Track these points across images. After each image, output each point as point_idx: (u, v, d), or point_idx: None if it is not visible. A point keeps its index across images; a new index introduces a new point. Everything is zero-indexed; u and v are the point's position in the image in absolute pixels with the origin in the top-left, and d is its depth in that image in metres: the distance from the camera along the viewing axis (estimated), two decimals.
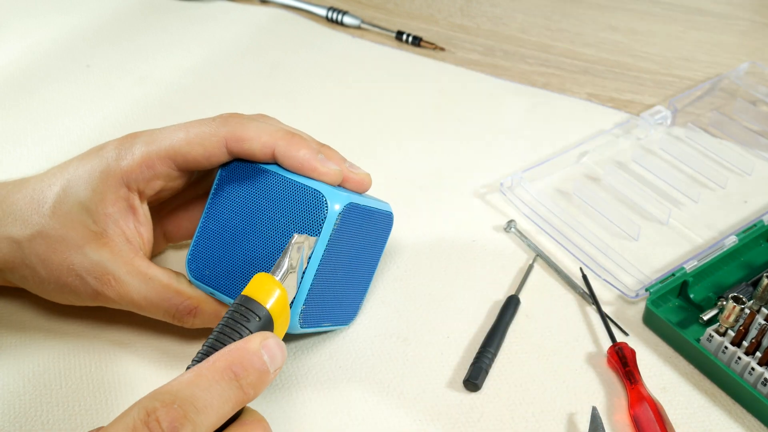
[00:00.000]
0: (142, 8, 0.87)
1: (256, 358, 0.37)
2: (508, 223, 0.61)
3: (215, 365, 0.37)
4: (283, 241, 0.46)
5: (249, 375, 0.37)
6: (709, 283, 0.56)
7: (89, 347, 0.52)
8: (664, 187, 0.65)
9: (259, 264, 0.47)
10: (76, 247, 0.47)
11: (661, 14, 0.87)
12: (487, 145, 0.69)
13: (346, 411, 0.49)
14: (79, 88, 0.75)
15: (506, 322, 0.53)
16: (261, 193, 0.47)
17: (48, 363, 0.51)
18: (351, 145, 0.69)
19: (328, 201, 0.45)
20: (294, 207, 0.46)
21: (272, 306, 0.40)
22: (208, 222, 0.49)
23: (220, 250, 0.48)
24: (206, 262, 0.49)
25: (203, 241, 0.49)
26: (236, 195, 0.48)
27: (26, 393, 0.49)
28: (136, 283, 0.47)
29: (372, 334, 0.53)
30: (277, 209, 0.47)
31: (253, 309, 0.40)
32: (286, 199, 0.47)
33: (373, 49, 0.82)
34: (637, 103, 0.74)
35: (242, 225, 0.48)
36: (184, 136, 0.48)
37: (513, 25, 0.85)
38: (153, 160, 0.48)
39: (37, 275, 0.48)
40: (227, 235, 0.48)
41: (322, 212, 0.45)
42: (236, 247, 0.48)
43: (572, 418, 0.48)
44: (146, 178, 0.48)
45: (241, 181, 0.48)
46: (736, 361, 0.50)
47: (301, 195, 0.46)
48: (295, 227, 0.46)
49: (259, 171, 0.48)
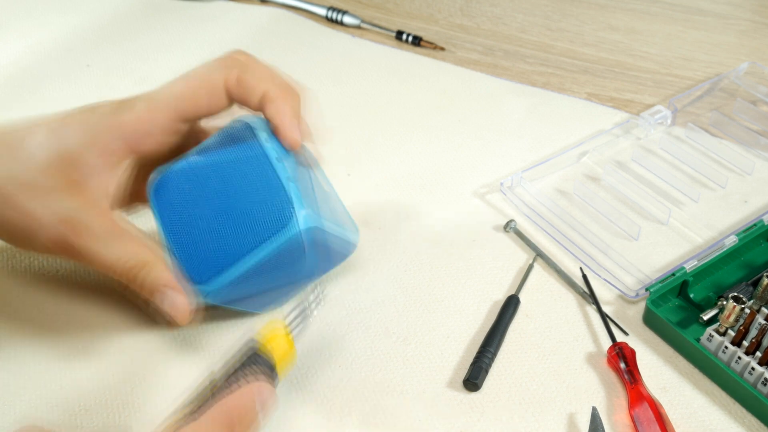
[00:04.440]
0: (142, 8, 0.87)
1: (252, 413, 0.39)
2: (507, 222, 0.61)
3: (214, 417, 0.38)
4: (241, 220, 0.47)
5: (244, 430, 0.39)
6: (709, 282, 0.56)
7: (89, 347, 0.52)
8: (664, 187, 0.65)
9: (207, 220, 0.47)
10: (44, 194, 0.45)
11: (660, 14, 0.87)
12: (487, 145, 0.69)
13: (346, 411, 0.49)
14: (79, 88, 0.75)
15: (506, 321, 0.53)
16: (248, 170, 0.48)
17: (48, 363, 0.51)
18: (351, 145, 0.69)
19: (294, 215, 0.46)
20: (265, 202, 0.47)
21: (279, 362, 0.43)
22: (193, 162, 0.49)
23: (187, 195, 0.48)
24: (170, 195, 0.48)
25: (179, 176, 0.49)
26: (228, 155, 0.48)
27: (26, 393, 0.49)
28: (98, 240, 0.46)
29: (372, 333, 0.53)
30: (252, 194, 0.47)
31: (262, 363, 0.42)
32: (263, 189, 0.47)
33: (373, 48, 0.82)
34: (637, 103, 0.74)
35: (217, 185, 0.48)
36: (185, 84, 0.48)
37: (513, 25, 0.85)
38: (155, 112, 0.47)
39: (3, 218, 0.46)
40: (200, 186, 0.48)
41: (284, 222, 0.46)
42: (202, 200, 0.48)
43: (572, 418, 0.48)
44: (146, 131, 0.48)
45: (240, 147, 0.48)
46: (737, 361, 0.50)
47: (276, 195, 0.47)
48: (258, 220, 0.46)
49: (258, 149, 0.48)
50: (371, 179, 0.65)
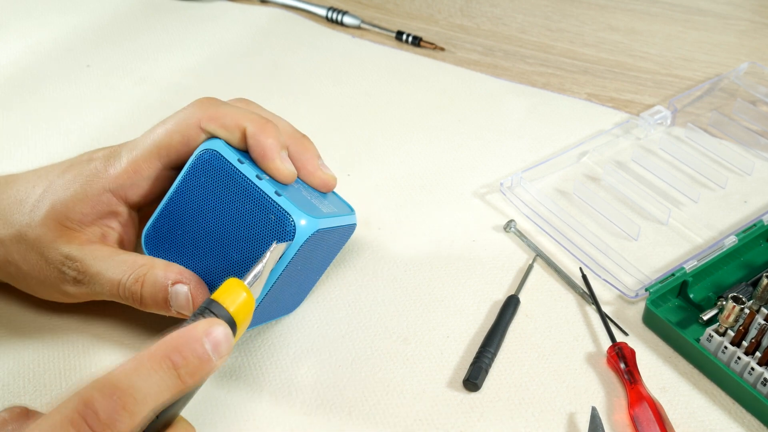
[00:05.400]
0: (142, 8, 0.87)
1: (198, 346, 0.37)
2: (507, 223, 0.61)
3: (155, 353, 0.36)
4: (243, 245, 0.46)
5: (188, 364, 0.36)
6: (709, 283, 0.56)
7: (89, 347, 0.52)
8: (664, 187, 0.65)
9: (208, 258, 0.47)
10: (49, 243, 0.48)
11: (660, 14, 0.87)
12: (487, 145, 0.69)
13: (346, 411, 0.49)
14: (79, 88, 0.75)
15: (506, 321, 0.53)
16: (232, 197, 0.47)
17: (48, 363, 0.51)
18: (351, 145, 0.69)
19: (296, 225, 0.45)
20: (262, 222, 0.46)
21: (236, 309, 0.40)
22: (172, 203, 0.49)
23: (179, 235, 0.48)
24: (163, 241, 0.49)
25: (164, 220, 0.49)
26: (206, 187, 0.47)
27: (26, 393, 0.49)
28: (100, 264, 0.48)
29: (372, 333, 0.53)
30: (245, 218, 0.46)
31: (214, 310, 0.39)
32: (255, 210, 0.46)
33: (373, 49, 0.82)
34: (637, 103, 0.74)
35: (206, 217, 0.48)
36: (163, 129, 0.49)
37: (513, 25, 0.85)
38: (139, 163, 0.49)
39: (21, 271, 0.50)
40: (188, 223, 0.48)
41: (289, 235, 0.46)
42: (195, 236, 0.48)
43: (572, 418, 0.48)
44: (132, 183, 0.49)
45: (215, 176, 0.47)
46: (736, 361, 0.50)
47: (271, 212, 0.46)
48: (260, 240, 0.46)
49: (235, 173, 0.47)
50: (371, 179, 0.65)
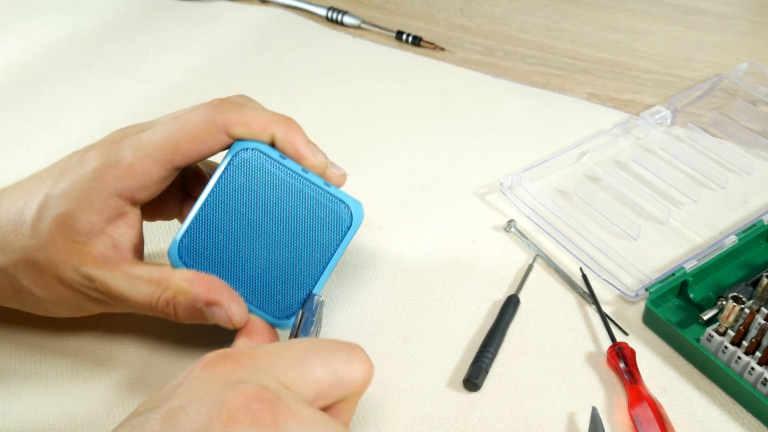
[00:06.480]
0: (142, 8, 0.87)
1: None
2: (508, 222, 0.61)
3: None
4: (294, 241, 0.47)
5: None
6: (709, 282, 0.56)
7: (90, 347, 0.52)
8: (664, 187, 0.65)
9: (258, 262, 0.47)
10: (62, 264, 0.45)
11: (661, 14, 0.87)
12: (487, 145, 0.69)
13: None
14: (79, 88, 0.75)
15: (506, 321, 0.53)
16: (279, 194, 0.47)
17: (48, 363, 0.51)
18: (351, 145, 0.69)
19: (352, 212, 0.48)
20: (315, 214, 0.47)
21: None
22: (208, 208, 0.47)
23: (219, 241, 0.47)
24: (201, 251, 0.47)
25: (200, 228, 0.47)
26: (247, 188, 0.47)
27: (26, 393, 0.49)
28: (123, 285, 0.45)
29: (372, 333, 0.53)
30: (296, 213, 0.47)
31: None
32: (308, 204, 0.47)
33: (373, 49, 0.82)
34: (637, 103, 0.74)
35: (249, 219, 0.47)
36: (178, 131, 0.45)
37: (513, 25, 0.85)
38: (148, 164, 0.45)
39: (33, 296, 0.47)
40: (229, 227, 0.47)
41: (347, 223, 0.47)
42: (238, 240, 0.46)
43: (572, 418, 0.48)
44: (140, 185, 0.46)
45: (256, 175, 0.47)
46: (736, 361, 0.50)
47: (326, 203, 0.47)
48: (314, 233, 0.47)
49: (281, 170, 0.47)
50: (371, 179, 0.65)
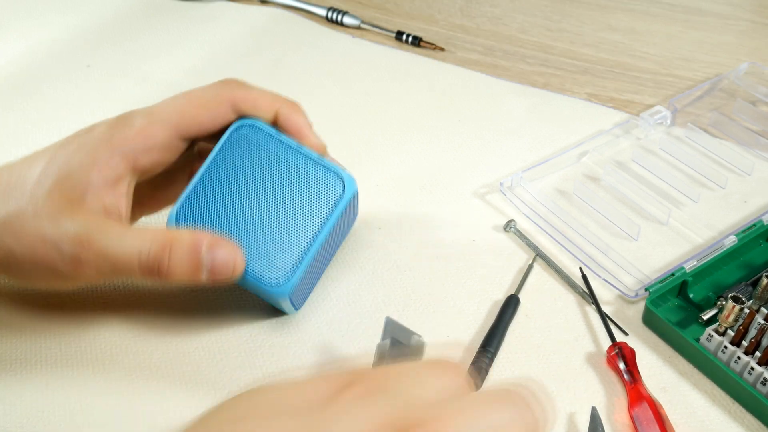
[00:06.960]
0: (142, 8, 0.87)
1: None
2: (507, 222, 0.61)
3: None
4: (289, 210, 0.49)
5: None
6: (709, 282, 0.56)
7: (92, 348, 0.52)
8: (664, 187, 0.65)
9: (253, 231, 0.48)
10: (49, 218, 0.45)
11: (660, 14, 0.87)
12: (487, 145, 0.69)
13: None
14: (79, 88, 0.75)
15: (506, 322, 0.53)
16: (275, 165, 0.49)
17: (48, 363, 0.51)
18: (351, 145, 0.69)
19: (345, 182, 0.50)
20: (309, 184, 0.49)
21: None
22: (207, 178, 0.49)
23: (216, 209, 0.48)
24: (197, 218, 0.48)
25: (198, 196, 0.49)
26: (244, 160, 0.49)
27: (26, 393, 0.49)
28: (110, 240, 0.45)
29: (372, 333, 0.53)
30: (290, 183, 0.49)
31: None
32: (303, 175, 0.49)
33: (373, 49, 0.82)
34: (637, 103, 0.74)
35: (245, 189, 0.49)
36: (186, 102, 0.48)
37: (513, 25, 0.85)
38: (154, 128, 0.47)
39: (13, 256, 0.46)
40: (225, 196, 0.49)
41: (338, 192, 0.50)
42: (233, 209, 0.49)
43: (572, 418, 0.48)
44: (145, 147, 0.47)
45: (253, 148, 0.49)
46: (736, 361, 0.50)
47: (319, 173, 0.49)
48: (308, 202, 0.49)
49: (277, 143, 0.50)
50: (371, 179, 0.65)
